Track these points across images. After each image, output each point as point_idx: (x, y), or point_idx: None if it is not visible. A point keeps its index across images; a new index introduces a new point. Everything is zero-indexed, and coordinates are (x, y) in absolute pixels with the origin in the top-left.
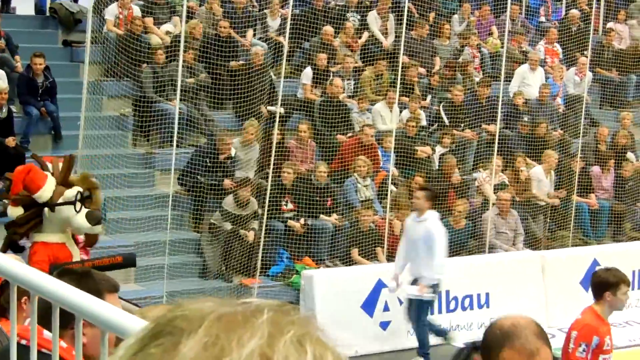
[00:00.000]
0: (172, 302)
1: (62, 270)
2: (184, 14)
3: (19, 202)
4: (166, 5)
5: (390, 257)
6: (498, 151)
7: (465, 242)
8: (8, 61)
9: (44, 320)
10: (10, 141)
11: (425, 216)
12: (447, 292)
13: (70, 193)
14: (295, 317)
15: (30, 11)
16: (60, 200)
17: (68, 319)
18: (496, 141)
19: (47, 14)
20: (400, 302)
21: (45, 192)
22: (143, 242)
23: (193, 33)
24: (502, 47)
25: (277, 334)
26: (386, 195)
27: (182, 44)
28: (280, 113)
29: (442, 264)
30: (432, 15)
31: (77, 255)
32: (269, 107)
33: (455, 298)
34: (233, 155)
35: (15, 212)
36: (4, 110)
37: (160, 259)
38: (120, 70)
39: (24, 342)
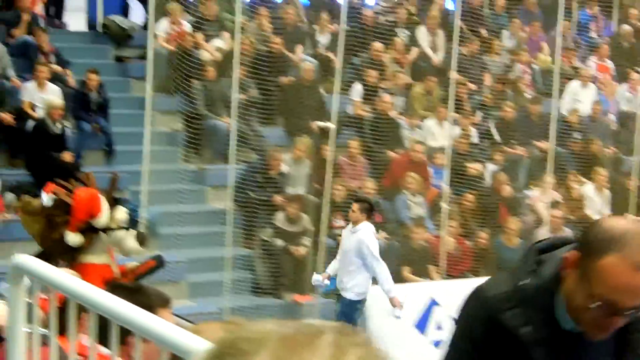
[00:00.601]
0: (226, 320)
1: (113, 285)
2: (238, 29)
3: (80, 228)
4: (216, 21)
5: (444, 276)
6: (550, 168)
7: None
8: (62, 77)
9: (100, 336)
10: (67, 156)
11: (359, 227)
12: None
13: (120, 215)
14: (356, 338)
15: (82, 27)
16: (111, 222)
17: (123, 335)
18: (548, 158)
19: (99, 29)
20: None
21: (104, 215)
22: (194, 258)
23: (243, 49)
24: (553, 64)
25: (339, 356)
26: (437, 212)
27: (236, 60)
28: (330, 129)
29: (385, 273)
30: (482, 30)
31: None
32: (319, 123)
33: None
34: (284, 171)
35: (77, 239)
36: (58, 126)
37: (212, 275)
38: (172, 86)
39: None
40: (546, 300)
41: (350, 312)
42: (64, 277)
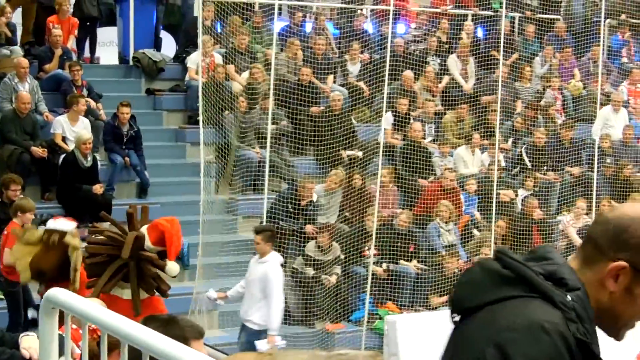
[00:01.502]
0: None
1: (148, 317)
2: (273, 61)
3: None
4: (248, 53)
5: None
6: (582, 194)
7: None
8: (93, 110)
9: None
10: (98, 189)
11: (266, 258)
12: None
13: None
14: None
15: (114, 61)
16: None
17: None
18: (580, 183)
19: (131, 63)
20: None
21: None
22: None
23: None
24: (585, 89)
25: None
26: (469, 239)
27: (271, 91)
28: (359, 157)
29: (278, 311)
30: (514, 56)
31: None
32: (349, 152)
33: None
34: (315, 200)
35: (177, 268)
36: (89, 159)
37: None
38: (204, 117)
39: None
40: (590, 312)
41: (254, 342)
42: (96, 309)
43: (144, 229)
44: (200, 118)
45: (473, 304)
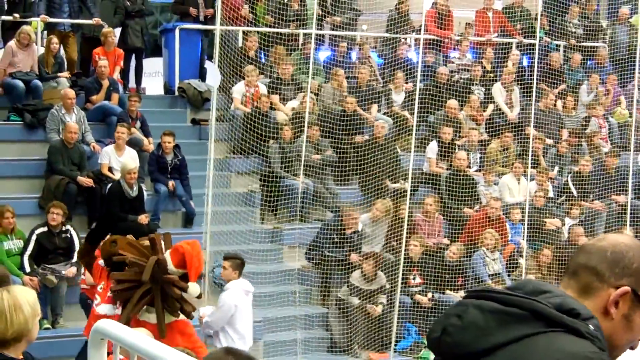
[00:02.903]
0: None
1: (228, 349)
2: (309, 91)
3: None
4: (292, 82)
5: None
6: (629, 222)
7: None
8: (139, 141)
9: None
10: (144, 219)
11: (228, 285)
12: None
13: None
14: None
15: (160, 91)
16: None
17: None
18: (628, 212)
19: (176, 93)
20: None
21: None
22: (271, 317)
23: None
24: (631, 117)
25: None
26: (515, 268)
27: (306, 120)
28: (405, 188)
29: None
30: (562, 86)
31: None
32: (394, 185)
33: None
34: (360, 229)
35: (198, 289)
36: (135, 189)
37: (288, 334)
38: (248, 147)
39: None
40: (604, 340)
41: None
42: (143, 340)
43: (167, 254)
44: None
45: (479, 348)
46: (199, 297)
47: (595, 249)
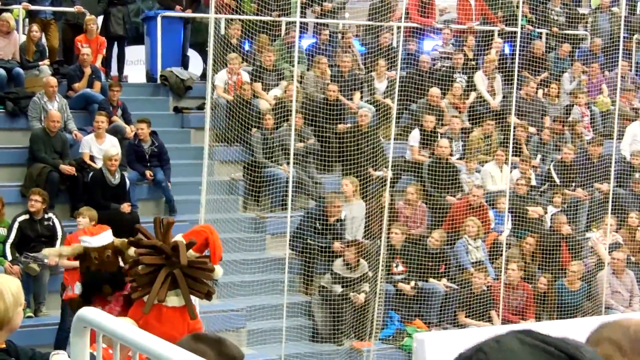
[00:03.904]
0: None
1: (196, 335)
2: (295, 79)
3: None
4: (274, 70)
5: (505, 321)
6: (611, 210)
7: (580, 304)
8: (121, 129)
9: None
10: (126, 207)
11: None
12: None
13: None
14: None
15: (142, 79)
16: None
17: None
18: (609, 200)
19: (158, 81)
20: None
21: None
22: (254, 305)
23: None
24: (613, 105)
25: None
26: (497, 256)
27: (294, 108)
28: (388, 177)
29: None
30: (544, 74)
31: None
32: (377, 172)
33: None
34: (342, 218)
35: (221, 271)
36: (117, 176)
37: (272, 323)
38: (231, 135)
39: None
40: None
41: None
42: (127, 328)
43: (179, 237)
44: (206, 134)
45: None
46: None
47: (619, 325)
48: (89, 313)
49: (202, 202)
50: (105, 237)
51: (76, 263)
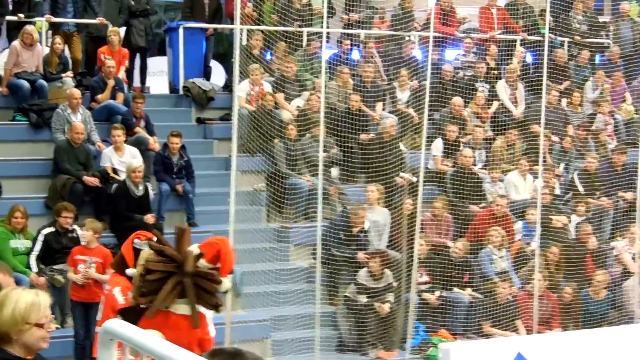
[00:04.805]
0: None
1: (214, 350)
2: (323, 90)
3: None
4: (296, 81)
5: (530, 330)
6: (636, 219)
7: (606, 313)
8: (144, 140)
9: None
10: (150, 218)
11: None
12: None
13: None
14: None
15: (165, 90)
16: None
17: None
18: (637, 209)
19: (181, 92)
20: None
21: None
22: (279, 316)
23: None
24: (637, 113)
25: None
26: (522, 265)
27: (322, 118)
28: (412, 182)
29: None
30: (566, 83)
31: None
32: (403, 174)
33: None
34: (366, 228)
35: (229, 285)
36: (140, 188)
37: (296, 333)
38: (253, 145)
39: None
40: None
41: None
42: (153, 340)
43: (196, 247)
44: (234, 146)
45: None
46: (225, 292)
47: None
48: (116, 325)
49: (231, 212)
50: None
51: (105, 277)
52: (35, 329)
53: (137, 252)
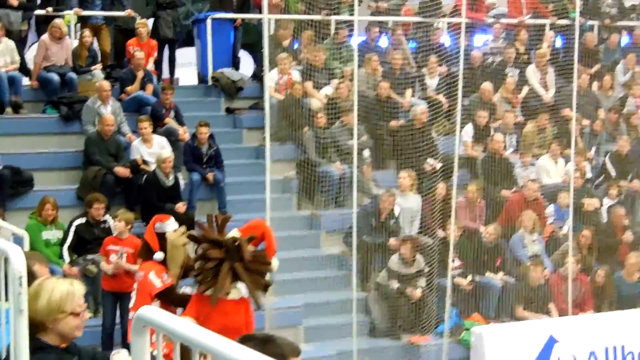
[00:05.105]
0: None
1: (245, 336)
2: (356, 77)
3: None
4: (325, 69)
5: (563, 313)
6: None
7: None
8: (174, 131)
9: None
10: (181, 207)
11: None
12: (623, 348)
13: None
14: None
15: (193, 81)
16: None
17: None
18: None
19: (210, 82)
20: (574, 358)
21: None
22: (310, 302)
23: (347, 96)
24: None
25: None
26: (554, 249)
27: (355, 106)
28: (438, 168)
29: None
30: (597, 66)
31: None
32: (429, 160)
33: (631, 353)
34: (397, 214)
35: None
36: (170, 178)
37: (328, 319)
38: (283, 134)
39: None
40: None
41: None
42: (187, 326)
43: (236, 232)
44: (267, 135)
45: None
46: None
47: None
48: (149, 312)
49: (267, 200)
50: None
51: (136, 267)
52: (71, 317)
53: (159, 236)
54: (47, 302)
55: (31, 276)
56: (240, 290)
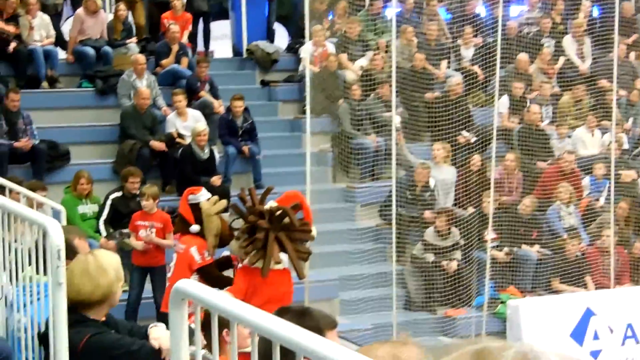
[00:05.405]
0: (394, 340)
1: (281, 309)
2: (394, 48)
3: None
4: (360, 41)
5: (599, 285)
6: None
7: None
8: (209, 104)
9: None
10: (216, 180)
11: None
12: None
13: None
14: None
15: (228, 54)
16: None
17: (288, 358)
18: None
19: (244, 55)
20: (611, 331)
21: None
22: (346, 275)
23: (384, 68)
24: None
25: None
26: (591, 221)
27: (394, 78)
28: (473, 142)
29: None
30: (634, 36)
31: None
32: (464, 133)
33: None
34: (432, 187)
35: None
36: (206, 151)
37: (364, 292)
38: (318, 106)
39: None
40: None
41: None
42: (225, 299)
43: (273, 203)
44: (308, 107)
45: None
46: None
47: None
48: (187, 285)
49: (307, 173)
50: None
51: (169, 242)
52: (120, 284)
53: (193, 207)
54: (115, 273)
55: (71, 250)
56: (284, 260)
